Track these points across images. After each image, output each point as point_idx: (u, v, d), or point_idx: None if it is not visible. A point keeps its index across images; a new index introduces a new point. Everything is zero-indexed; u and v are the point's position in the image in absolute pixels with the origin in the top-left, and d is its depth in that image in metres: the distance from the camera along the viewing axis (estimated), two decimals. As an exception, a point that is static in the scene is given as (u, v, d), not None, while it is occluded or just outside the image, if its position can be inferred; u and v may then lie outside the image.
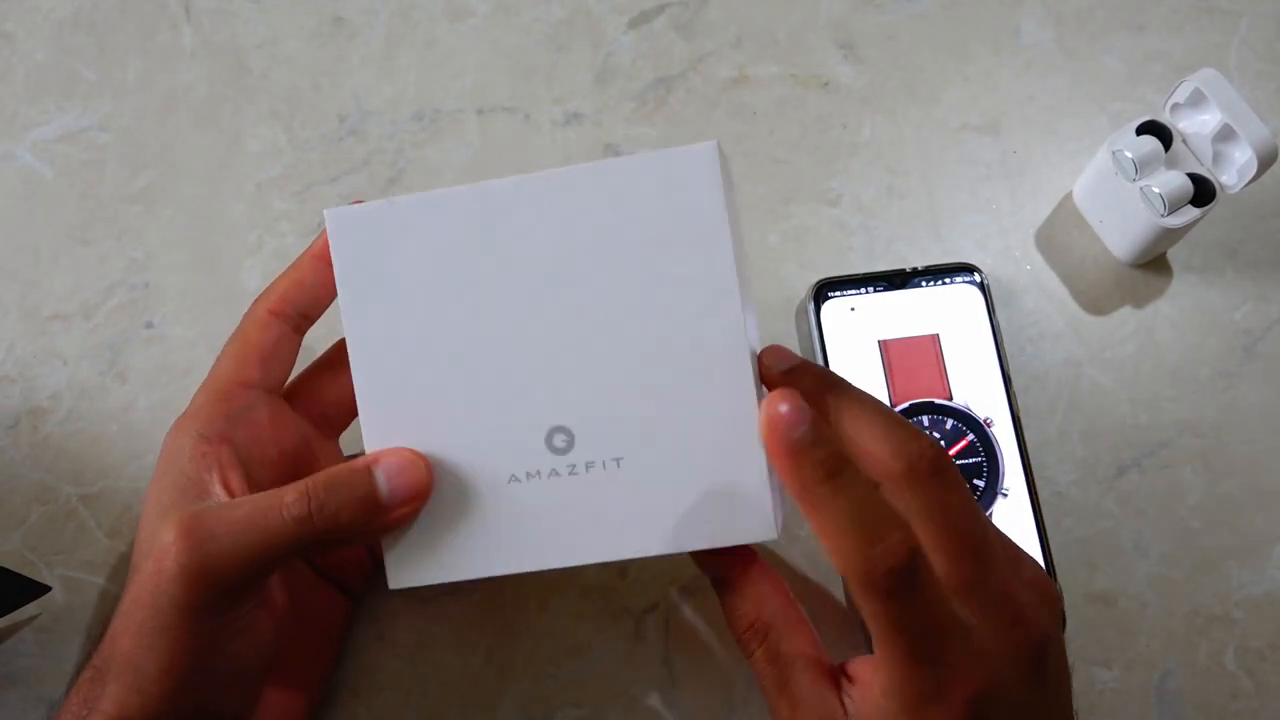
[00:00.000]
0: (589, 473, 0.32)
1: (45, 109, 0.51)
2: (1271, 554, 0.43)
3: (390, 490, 0.31)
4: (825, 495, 0.29)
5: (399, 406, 0.32)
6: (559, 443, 0.32)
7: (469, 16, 0.52)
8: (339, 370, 0.38)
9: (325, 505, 0.31)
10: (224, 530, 0.31)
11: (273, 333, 0.36)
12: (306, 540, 0.31)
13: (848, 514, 0.29)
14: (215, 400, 0.35)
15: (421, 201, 0.32)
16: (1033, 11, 0.52)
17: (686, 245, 0.31)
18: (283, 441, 0.37)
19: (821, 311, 0.45)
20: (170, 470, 0.33)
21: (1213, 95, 0.42)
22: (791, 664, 0.32)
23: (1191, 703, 0.41)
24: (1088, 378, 0.45)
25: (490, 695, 0.41)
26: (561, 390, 0.32)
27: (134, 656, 0.31)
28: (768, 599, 0.33)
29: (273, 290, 0.36)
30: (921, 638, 0.29)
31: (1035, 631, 0.31)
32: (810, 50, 0.51)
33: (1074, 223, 0.48)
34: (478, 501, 0.32)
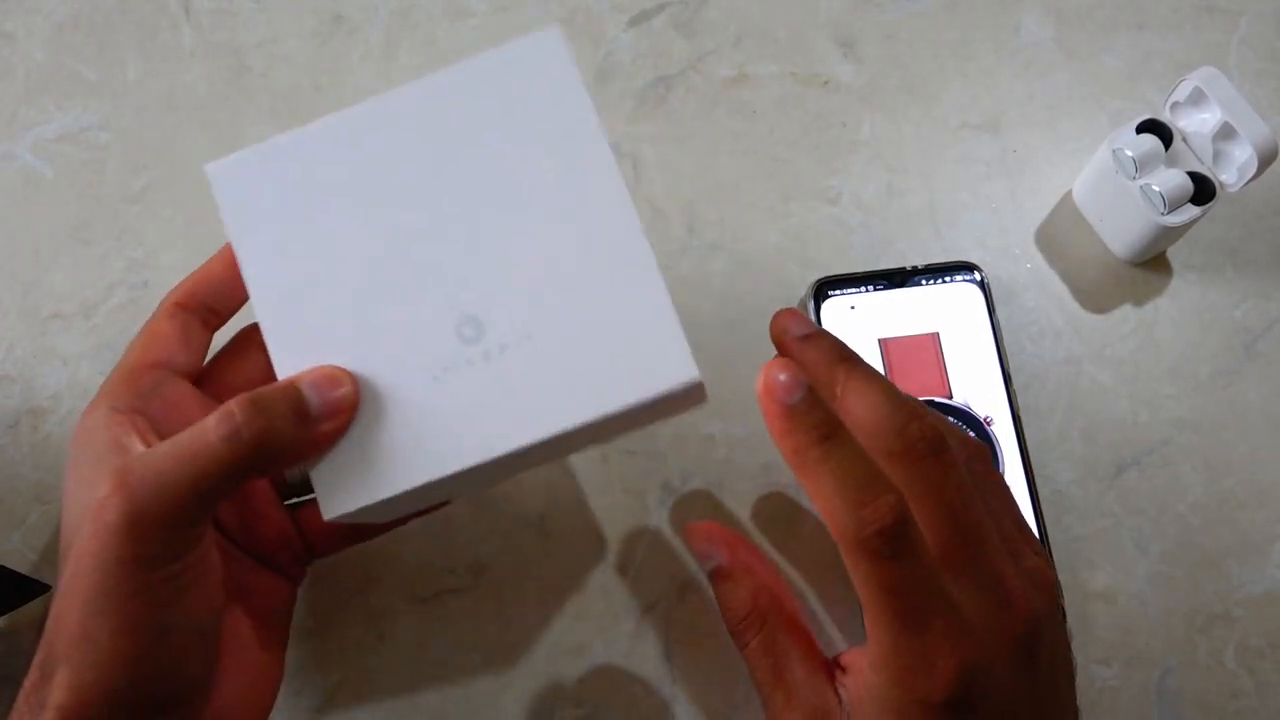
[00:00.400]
0: (504, 355, 0.31)
1: (45, 109, 0.51)
2: (1271, 552, 0.43)
3: (319, 401, 0.30)
4: (818, 458, 0.30)
5: (306, 336, 0.32)
6: (468, 332, 0.32)
7: (469, 16, 0.52)
8: (245, 354, 0.38)
9: (253, 419, 0.30)
10: (155, 470, 0.30)
11: (178, 322, 0.36)
12: (238, 461, 0.30)
13: (839, 476, 0.29)
14: (123, 379, 0.35)
15: (296, 136, 0.33)
16: (1033, 10, 0.52)
17: (553, 123, 0.32)
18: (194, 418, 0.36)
19: (821, 310, 0.45)
20: (86, 445, 0.33)
21: (1213, 94, 0.42)
22: (787, 654, 0.32)
23: (1191, 701, 0.41)
24: (1088, 376, 0.45)
25: (490, 695, 0.41)
26: (462, 283, 0.32)
27: (84, 628, 0.30)
28: (764, 590, 0.34)
29: (180, 285, 0.37)
30: (910, 604, 0.29)
31: (1025, 615, 0.31)
32: (810, 49, 0.51)
33: (1074, 221, 0.48)
34: (400, 410, 0.31)
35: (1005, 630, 0.30)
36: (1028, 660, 0.31)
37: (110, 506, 0.29)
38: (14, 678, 0.41)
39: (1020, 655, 0.30)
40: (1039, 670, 0.31)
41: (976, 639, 0.30)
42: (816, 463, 0.30)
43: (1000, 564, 0.31)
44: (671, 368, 0.31)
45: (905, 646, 0.29)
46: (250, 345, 0.38)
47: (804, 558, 0.43)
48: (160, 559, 0.30)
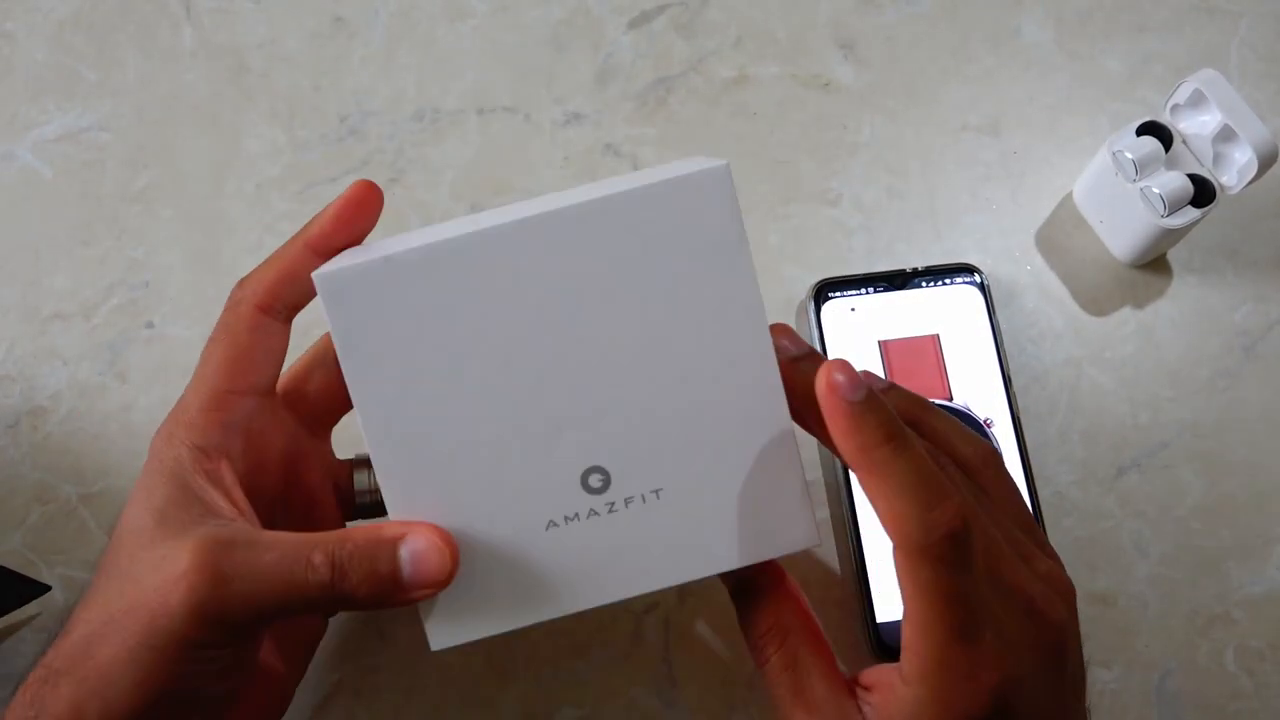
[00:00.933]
0: (629, 508, 0.31)
1: (45, 109, 0.51)
2: (1271, 554, 0.43)
3: (413, 573, 0.30)
4: (885, 457, 0.28)
5: (422, 473, 0.31)
6: (595, 483, 0.31)
7: (469, 16, 0.52)
8: (326, 366, 0.37)
9: (349, 576, 0.30)
10: (247, 573, 0.29)
11: (263, 331, 0.34)
12: (325, 603, 0.30)
13: (907, 476, 0.28)
14: (209, 409, 0.33)
15: (420, 254, 0.30)
16: (1033, 12, 0.52)
17: (705, 268, 0.31)
18: (276, 447, 0.35)
19: (822, 312, 0.45)
20: (169, 481, 0.32)
21: (1213, 96, 0.42)
22: (809, 671, 0.31)
23: (1191, 703, 0.41)
24: (1088, 378, 0.45)
25: (490, 695, 0.41)
26: (591, 430, 0.31)
27: (110, 668, 0.30)
28: (788, 605, 0.33)
29: (259, 283, 0.33)
30: (967, 614, 0.28)
31: (1054, 624, 0.30)
32: (810, 50, 0.51)
33: (1074, 223, 0.48)
34: (516, 553, 0.31)
35: (1034, 640, 0.30)
36: (1057, 669, 0.30)
37: (187, 583, 0.29)
38: (14, 677, 0.41)
39: (1050, 664, 0.30)
40: (1065, 676, 0.31)
41: (1011, 652, 0.29)
42: (883, 463, 0.29)
43: (1017, 574, 0.31)
44: (798, 534, 0.31)
45: (955, 658, 0.28)
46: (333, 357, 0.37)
47: (802, 560, 0.43)
48: (209, 647, 0.30)
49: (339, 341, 0.30)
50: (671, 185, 0.30)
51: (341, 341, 0.30)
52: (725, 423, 0.31)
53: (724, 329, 0.31)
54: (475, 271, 0.30)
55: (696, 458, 0.31)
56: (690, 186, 0.30)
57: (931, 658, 0.29)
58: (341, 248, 0.33)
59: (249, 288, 0.34)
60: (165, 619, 0.29)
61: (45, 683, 0.31)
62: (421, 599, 0.31)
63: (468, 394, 0.30)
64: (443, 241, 0.30)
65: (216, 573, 0.29)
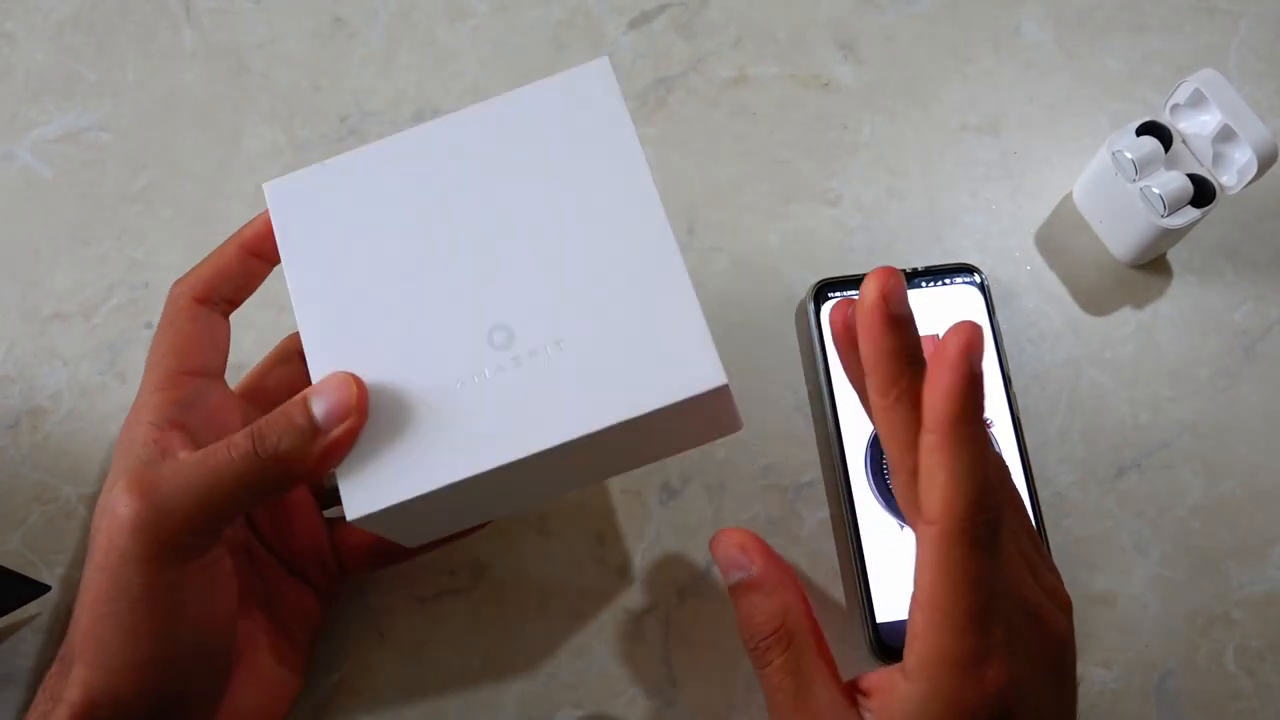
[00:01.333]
0: (533, 359, 0.32)
1: (45, 109, 0.51)
2: (1271, 554, 0.43)
3: (323, 410, 0.31)
4: (972, 434, 0.28)
5: (340, 343, 0.33)
6: (499, 339, 0.32)
7: (469, 16, 0.52)
8: (289, 363, 0.40)
9: (265, 436, 0.31)
10: (172, 476, 0.31)
11: (203, 320, 0.36)
12: (254, 477, 0.31)
13: (979, 459, 0.28)
14: (162, 389, 0.35)
15: (351, 157, 0.35)
16: (1033, 11, 0.52)
17: (597, 144, 0.34)
18: (234, 425, 0.36)
19: (822, 312, 0.45)
20: (124, 457, 0.34)
21: (1213, 96, 0.42)
22: (812, 678, 0.31)
23: (1191, 703, 0.41)
24: (1088, 378, 0.45)
25: (490, 695, 0.41)
26: (497, 294, 0.33)
27: (97, 630, 0.30)
28: (793, 607, 0.33)
29: (196, 278, 0.36)
30: (986, 602, 0.28)
31: (1057, 634, 0.31)
32: (810, 50, 0.51)
33: (1074, 223, 0.48)
34: (427, 413, 0.32)
35: (1042, 649, 0.30)
36: (1058, 680, 0.31)
37: (121, 503, 0.30)
38: (14, 677, 0.41)
39: (1053, 674, 0.30)
40: (1065, 691, 0.31)
41: (1021, 656, 0.29)
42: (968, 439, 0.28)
43: (1024, 582, 0.31)
44: (699, 373, 0.31)
45: (967, 646, 0.28)
46: (293, 355, 0.40)
47: (802, 560, 0.43)
48: (167, 562, 0.30)
49: (278, 235, 0.34)
50: (562, 77, 0.35)
51: (280, 235, 0.34)
52: (622, 278, 0.33)
53: (615, 195, 0.33)
54: (394, 168, 0.34)
55: (596, 309, 0.32)
56: (577, 76, 0.35)
57: (942, 645, 0.28)
58: (272, 251, 0.35)
59: (186, 283, 0.36)
60: (116, 552, 0.30)
61: (59, 675, 0.32)
62: (344, 437, 0.31)
63: (385, 274, 0.34)
64: (373, 144, 0.35)
65: (144, 488, 0.30)
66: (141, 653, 0.31)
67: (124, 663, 0.30)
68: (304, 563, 0.39)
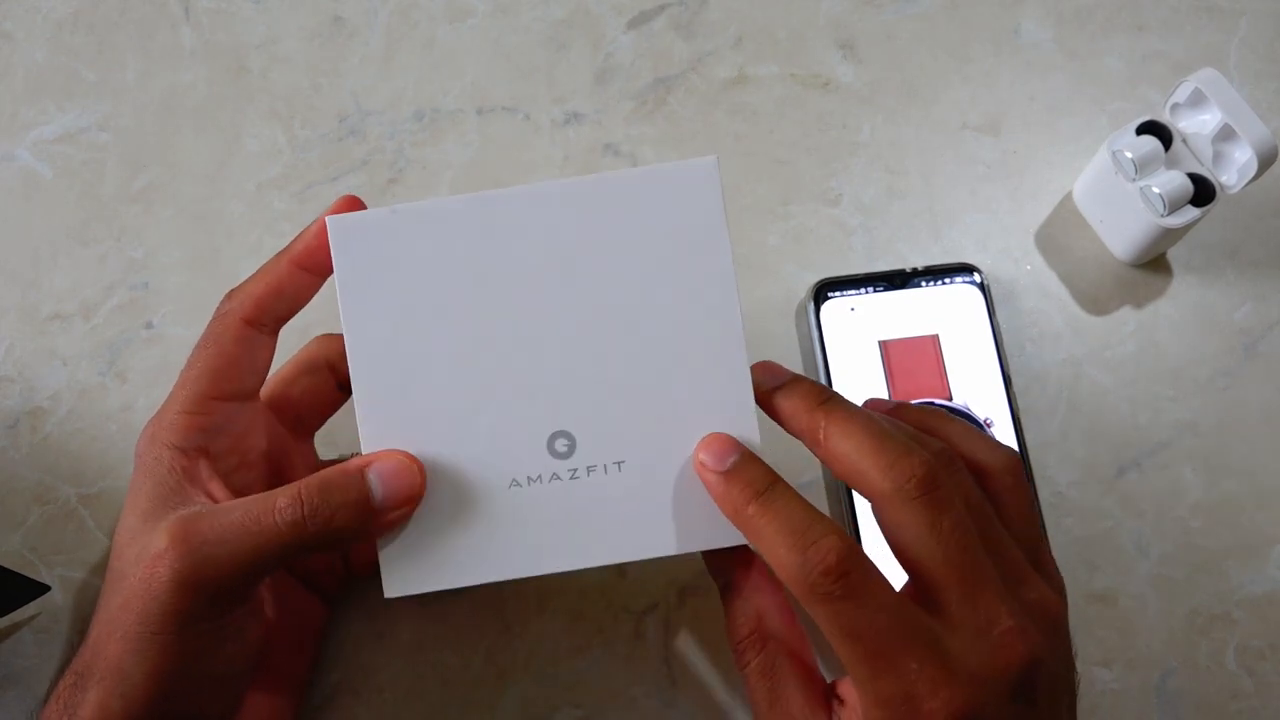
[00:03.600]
0: (590, 476, 0.32)
1: (45, 109, 0.51)
2: (1271, 554, 0.43)
3: (383, 494, 0.31)
4: (755, 514, 0.30)
5: (397, 412, 0.32)
6: (560, 447, 0.32)
7: (469, 16, 0.52)
8: (312, 372, 0.38)
9: (318, 509, 0.31)
10: (217, 536, 0.30)
11: (248, 343, 0.35)
12: (299, 544, 0.31)
13: (777, 526, 0.30)
14: (189, 412, 0.34)
15: (424, 210, 0.32)
16: (1033, 11, 0.52)
17: (687, 256, 0.32)
18: (259, 448, 0.36)
19: (821, 312, 0.45)
20: (149, 479, 0.33)
21: (1213, 95, 0.42)
22: (786, 680, 0.32)
23: (1191, 703, 0.41)
24: (1088, 378, 0.45)
25: (490, 695, 0.41)
26: (563, 396, 0.32)
27: (120, 661, 0.31)
28: (771, 611, 0.33)
29: (247, 296, 0.35)
30: (876, 644, 0.28)
31: (1021, 659, 0.29)
32: (810, 50, 0.51)
33: (1074, 223, 0.48)
34: (477, 506, 0.32)
35: (998, 674, 0.29)
36: (1025, 704, 0.29)
37: (165, 562, 0.30)
38: (14, 677, 0.41)
39: (1015, 699, 0.29)
40: (1037, 709, 0.30)
41: (966, 682, 0.28)
42: (756, 518, 0.30)
43: (994, 604, 0.30)
44: None
45: (885, 691, 0.28)
46: (320, 365, 0.38)
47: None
48: (202, 617, 0.31)
49: (339, 279, 0.32)
50: (664, 171, 0.32)
51: (341, 279, 0.32)
52: (692, 406, 0.32)
53: (700, 316, 0.32)
54: (471, 231, 0.32)
55: (662, 436, 0.32)
56: (680, 173, 0.32)
57: (867, 691, 0.29)
58: (325, 263, 0.34)
59: (237, 300, 0.35)
60: (154, 601, 0.30)
61: (74, 688, 0.32)
62: (396, 520, 0.31)
63: (450, 345, 0.32)
64: (445, 200, 0.32)
65: (189, 544, 0.30)
66: (164, 687, 0.31)
67: (144, 694, 0.31)
68: (314, 572, 0.39)
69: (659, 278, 0.32)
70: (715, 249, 0.32)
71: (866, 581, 0.29)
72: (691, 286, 0.32)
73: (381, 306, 0.32)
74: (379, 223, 0.32)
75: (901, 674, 0.28)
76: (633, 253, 0.32)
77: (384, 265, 0.32)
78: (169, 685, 0.31)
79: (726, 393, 0.32)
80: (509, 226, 0.32)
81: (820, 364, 0.44)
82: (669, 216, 0.32)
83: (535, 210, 0.32)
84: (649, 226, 0.32)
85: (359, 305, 0.32)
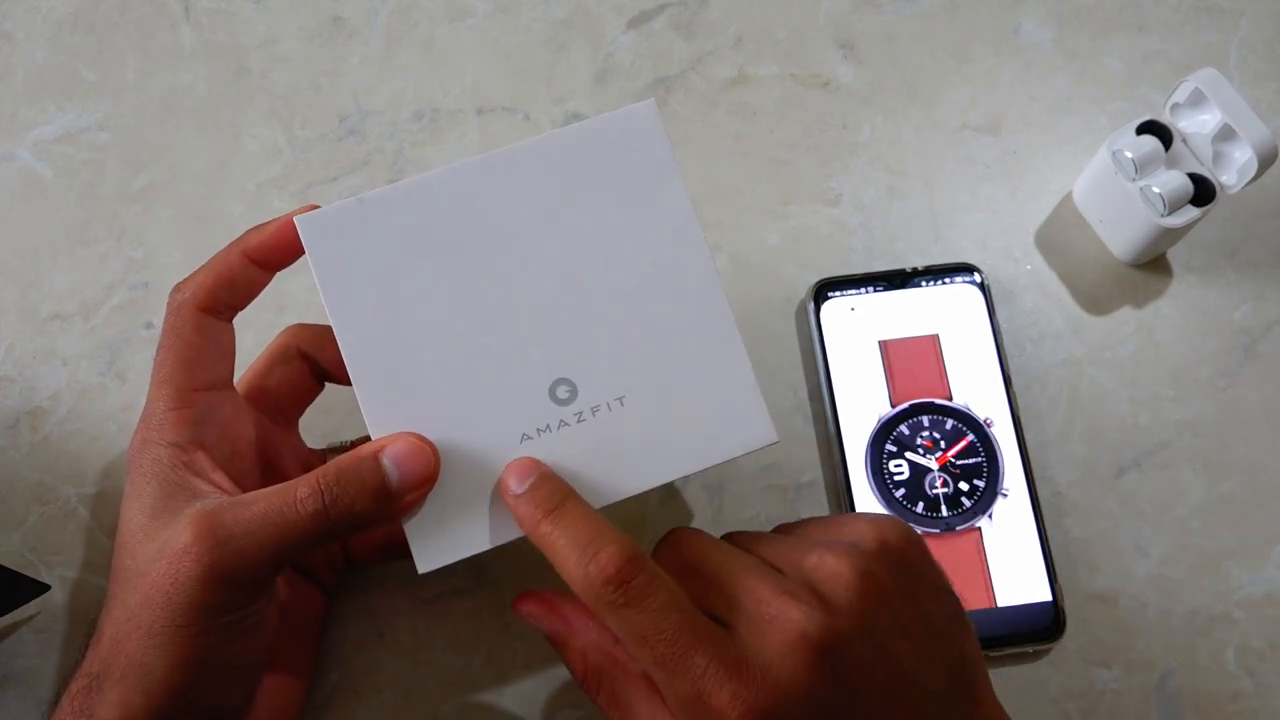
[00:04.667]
0: (595, 416, 0.33)
1: (45, 109, 0.51)
2: (1271, 554, 0.43)
3: (399, 476, 0.31)
4: (548, 531, 0.31)
5: (399, 394, 0.33)
6: (562, 394, 0.33)
7: (469, 16, 0.52)
8: (285, 362, 0.39)
9: (338, 498, 0.31)
10: (242, 529, 0.31)
11: (208, 330, 0.35)
12: (322, 533, 0.31)
13: (566, 540, 0.30)
14: (175, 407, 0.34)
15: (390, 194, 0.33)
16: (1033, 11, 0.52)
17: (647, 195, 0.34)
18: (246, 437, 0.37)
19: (821, 311, 0.45)
20: (151, 479, 0.33)
21: (1213, 95, 0.42)
22: (630, 703, 0.32)
23: (1191, 703, 0.41)
24: (1088, 378, 0.45)
25: (490, 696, 0.41)
26: (556, 346, 0.33)
27: (143, 657, 0.31)
28: (592, 648, 0.34)
29: (199, 286, 0.35)
30: (663, 647, 0.29)
31: (793, 629, 0.29)
32: (810, 50, 0.51)
33: (1074, 223, 0.48)
34: (495, 467, 0.33)
35: (784, 657, 0.29)
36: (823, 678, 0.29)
37: (191, 556, 0.31)
38: (14, 677, 0.41)
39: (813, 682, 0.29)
40: (843, 684, 0.29)
41: (755, 673, 0.29)
42: (549, 534, 0.31)
43: (756, 587, 0.30)
44: (755, 432, 0.34)
45: (679, 691, 0.29)
46: (293, 354, 0.39)
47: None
48: (229, 608, 0.31)
49: (319, 276, 0.33)
50: (608, 120, 0.34)
51: (321, 276, 0.33)
52: (676, 331, 0.34)
53: (666, 247, 0.34)
54: (439, 207, 0.33)
55: (653, 365, 0.33)
56: (624, 119, 0.34)
57: (667, 692, 0.29)
58: (276, 263, 0.35)
59: (189, 290, 0.35)
60: (180, 594, 0.31)
61: (89, 690, 0.32)
62: (414, 501, 0.32)
63: (437, 319, 0.33)
64: (409, 181, 0.33)
65: (214, 537, 0.31)
66: (188, 679, 0.31)
67: (167, 688, 0.31)
68: (313, 561, 0.39)
69: (625, 220, 0.34)
70: (671, 184, 0.34)
71: (649, 586, 0.29)
72: (657, 223, 0.34)
73: (364, 295, 0.33)
74: (348, 214, 0.33)
75: (690, 672, 0.29)
76: (597, 201, 0.34)
77: (359, 254, 0.33)
78: (193, 677, 0.31)
79: (702, 311, 0.34)
80: (475, 196, 0.33)
81: (820, 364, 0.44)
82: (624, 161, 0.34)
83: (497, 176, 0.33)
84: (607, 174, 0.34)
85: (343, 298, 0.33)
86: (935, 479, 0.43)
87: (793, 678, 0.29)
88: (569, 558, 0.30)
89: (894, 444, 0.43)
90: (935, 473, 0.43)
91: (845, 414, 0.44)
